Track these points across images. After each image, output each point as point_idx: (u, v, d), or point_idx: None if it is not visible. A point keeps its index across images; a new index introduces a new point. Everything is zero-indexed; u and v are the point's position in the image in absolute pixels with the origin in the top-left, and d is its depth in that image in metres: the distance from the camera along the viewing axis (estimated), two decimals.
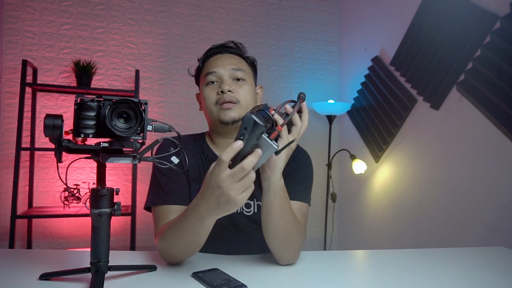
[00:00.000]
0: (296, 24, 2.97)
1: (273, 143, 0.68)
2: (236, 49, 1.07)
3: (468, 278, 0.87)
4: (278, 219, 0.82)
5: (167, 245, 0.82)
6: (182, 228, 0.77)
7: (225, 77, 0.99)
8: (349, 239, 2.86)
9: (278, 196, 0.81)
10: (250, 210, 1.01)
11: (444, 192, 1.90)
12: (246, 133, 0.66)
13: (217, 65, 1.01)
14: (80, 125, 0.65)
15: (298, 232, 0.88)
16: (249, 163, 0.65)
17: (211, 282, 0.74)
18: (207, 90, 1.01)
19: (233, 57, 1.04)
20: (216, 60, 1.03)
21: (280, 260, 0.89)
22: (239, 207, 0.69)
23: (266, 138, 0.68)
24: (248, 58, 1.08)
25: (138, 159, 0.67)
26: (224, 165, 0.65)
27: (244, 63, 1.06)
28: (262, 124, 0.66)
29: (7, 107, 2.33)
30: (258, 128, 0.66)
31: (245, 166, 0.65)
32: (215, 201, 0.67)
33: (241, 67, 1.02)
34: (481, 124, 1.68)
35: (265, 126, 0.66)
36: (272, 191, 0.80)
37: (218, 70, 1.00)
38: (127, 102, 0.64)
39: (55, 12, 2.42)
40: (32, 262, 0.86)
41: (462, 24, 1.82)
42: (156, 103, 2.62)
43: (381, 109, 2.45)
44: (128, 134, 0.64)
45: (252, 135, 0.66)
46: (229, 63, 1.01)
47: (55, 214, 2.18)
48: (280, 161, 0.79)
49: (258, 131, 0.66)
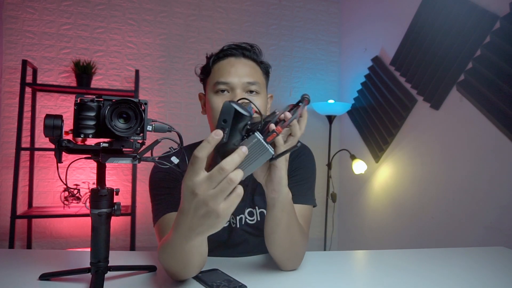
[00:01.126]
0: (296, 24, 2.97)
1: (269, 147, 0.57)
2: (252, 53, 0.95)
3: (468, 278, 0.86)
4: (284, 233, 0.79)
5: (164, 265, 0.74)
6: (172, 249, 0.67)
7: (238, 90, 0.90)
8: (349, 239, 2.86)
9: (286, 211, 0.77)
10: (253, 219, 0.98)
11: (444, 192, 1.90)
12: (226, 126, 0.54)
13: (231, 74, 0.90)
14: (80, 125, 0.65)
15: (303, 242, 0.86)
16: (229, 162, 0.52)
17: (211, 283, 0.74)
18: (216, 100, 0.91)
19: (248, 64, 0.94)
20: (229, 67, 0.92)
21: (283, 267, 0.87)
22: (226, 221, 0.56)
23: (262, 141, 0.56)
24: (263, 63, 0.98)
25: (138, 159, 0.67)
26: (199, 164, 0.53)
27: (259, 71, 0.96)
28: (245, 114, 0.55)
29: (7, 107, 2.33)
30: (241, 119, 0.55)
31: (224, 166, 0.52)
32: (194, 215, 0.55)
33: (256, 79, 0.92)
34: (481, 124, 1.68)
35: (249, 115, 0.56)
36: (279, 207, 0.75)
37: (232, 81, 0.90)
38: (127, 102, 0.64)
39: (55, 12, 2.42)
40: (32, 262, 0.86)
41: (462, 24, 1.82)
42: (156, 103, 2.62)
43: (381, 109, 2.45)
44: (128, 134, 0.64)
45: (234, 128, 0.55)
46: (244, 74, 0.91)
47: (55, 214, 2.18)
48: (284, 175, 0.71)
49: (241, 123, 0.55)
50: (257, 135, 0.56)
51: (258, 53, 0.96)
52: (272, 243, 0.81)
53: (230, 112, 0.54)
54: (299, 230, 0.83)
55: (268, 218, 0.78)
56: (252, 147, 0.56)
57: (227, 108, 0.54)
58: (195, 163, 0.53)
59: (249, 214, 0.98)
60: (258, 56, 0.96)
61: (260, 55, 0.97)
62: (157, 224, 0.90)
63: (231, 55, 0.94)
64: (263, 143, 0.56)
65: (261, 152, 0.56)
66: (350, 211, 2.83)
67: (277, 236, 0.79)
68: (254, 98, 0.91)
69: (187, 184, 0.54)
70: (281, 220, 0.77)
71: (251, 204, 0.99)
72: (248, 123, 0.57)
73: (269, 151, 0.57)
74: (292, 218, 0.79)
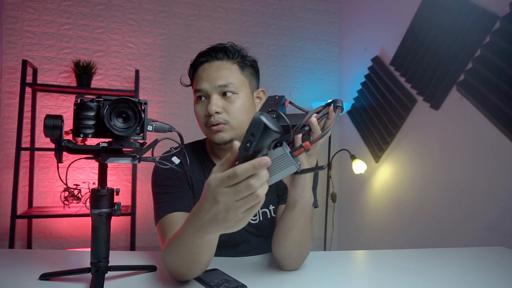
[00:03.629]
0: (296, 24, 2.97)
1: (295, 161, 0.54)
2: (225, 53, 0.93)
3: (468, 278, 0.86)
4: (298, 234, 0.80)
5: (169, 262, 0.73)
6: (182, 242, 0.66)
7: (213, 95, 0.90)
8: (349, 239, 2.86)
9: (305, 214, 0.77)
10: (255, 219, 0.98)
11: (444, 192, 1.90)
12: (254, 140, 0.50)
13: (203, 80, 0.91)
14: (80, 125, 0.65)
15: (311, 244, 0.87)
16: (243, 170, 0.49)
17: (211, 282, 0.74)
18: (198, 108, 0.94)
19: (223, 66, 0.92)
20: (202, 73, 0.92)
21: (285, 267, 0.87)
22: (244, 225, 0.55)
23: (288, 154, 0.53)
24: (243, 61, 0.95)
25: (137, 159, 0.67)
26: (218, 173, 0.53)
27: (236, 70, 0.93)
28: (275, 130, 0.50)
29: (7, 107, 2.33)
30: (269, 135, 0.50)
31: (237, 171, 0.49)
32: (213, 217, 0.55)
33: (230, 80, 0.90)
34: (481, 124, 1.68)
35: (279, 132, 0.51)
36: (300, 209, 0.75)
37: (204, 88, 0.91)
38: (126, 102, 0.64)
39: (55, 12, 2.42)
40: (32, 262, 0.86)
41: (462, 24, 1.82)
42: (156, 103, 2.62)
43: (381, 109, 2.45)
44: (127, 133, 0.64)
45: (262, 143, 0.50)
46: (215, 77, 0.90)
47: (55, 214, 2.18)
48: (308, 182, 0.71)
49: (269, 139, 0.51)
50: (284, 149, 0.54)
51: (233, 51, 0.94)
52: (283, 243, 0.81)
53: (259, 126, 0.49)
54: (311, 232, 0.84)
55: (285, 218, 0.78)
56: (278, 159, 0.54)
57: (257, 121, 0.49)
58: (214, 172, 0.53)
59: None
60: (233, 54, 0.94)
61: (236, 52, 0.94)
62: (159, 224, 0.90)
63: (205, 61, 0.94)
64: (289, 156, 0.54)
65: (286, 165, 0.54)
66: (350, 211, 2.83)
67: (291, 236, 0.79)
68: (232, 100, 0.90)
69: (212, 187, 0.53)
70: (298, 221, 0.77)
71: None
72: (276, 139, 0.53)
73: (294, 165, 0.54)
74: (308, 221, 0.80)
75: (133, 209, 2.28)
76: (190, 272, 0.73)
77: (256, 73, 1.00)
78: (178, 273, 0.74)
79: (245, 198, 0.51)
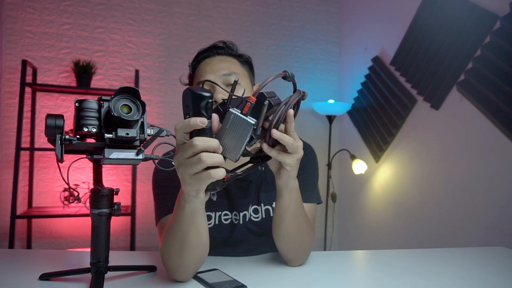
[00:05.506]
0: (296, 24, 2.97)
1: (249, 118, 0.58)
2: (227, 49, 0.99)
3: (468, 278, 0.86)
4: (291, 221, 0.81)
5: (163, 254, 0.76)
6: (169, 227, 0.74)
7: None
8: (349, 239, 2.86)
9: (294, 200, 0.80)
10: (258, 216, 0.99)
11: (444, 192, 1.90)
12: (189, 110, 0.57)
13: (207, 72, 0.95)
14: (82, 121, 0.63)
15: (309, 233, 0.88)
16: (182, 125, 0.58)
17: (211, 283, 0.74)
18: None
19: (224, 59, 0.98)
20: (205, 66, 0.96)
21: (290, 261, 0.88)
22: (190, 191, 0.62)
23: (238, 114, 0.58)
24: (241, 57, 1.01)
25: (142, 152, 0.65)
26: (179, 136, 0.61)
27: (237, 64, 0.99)
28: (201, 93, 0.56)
29: (7, 107, 2.33)
30: (200, 98, 0.56)
31: (176, 126, 0.59)
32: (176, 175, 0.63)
33: (233, 70, 0.95)
34: (481, 124, 1.68)
35: (208, 91, 0.57)
36: (287, 196, 0.78)
37: (209, 78, 0.93)
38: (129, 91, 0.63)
39: (55, 12, 2.42)
40: (32, 262, 0.86)
41: (462, 24, 1.82)
42: (156, 103, 2.62)
43: (381, 109, 2.45)
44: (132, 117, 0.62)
45: (197, 110, 0.57)
46: (220, 68, 0.94)
47: (55, 214, 2.18)
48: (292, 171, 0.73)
49: (202, 103, 0.57)
50: (233, 110, 0.58)
51: (232, 47, 1.00)
52: (279, 231, 0.83)
53: (188, 97, 0.56)
54: (305, 220, 0.86)
55: (276, 206, 0.82)
56: (233, 123, 0.58)
57: (184, 94, 0.57)
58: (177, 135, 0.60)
59: (254, 211, 0.99)
60: (233, 50, 1.00)
61: (235, 49, 1.01)
62: (159, 224, 0.92)
63: (207, 57, 0.98)
64: (240, 116, 0.58)
65: (242, 126, 0.58)
66: (350, 211, 2.83)
67: (284, 223, 0.82)
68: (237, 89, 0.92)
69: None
70: (289, 208, 0.80)
71: (256, 201, 0.99)
72: (209, 101, 0.57)
73: (248, 121, 0.58)
74: (299, 207, 0.82)
75: (133, 209, 2.28)
76: (181, 261, 0.73)
77: (252, 70, 1.05)
78: (171, 267, 0.75)
79: (190, 159, 0.58)
